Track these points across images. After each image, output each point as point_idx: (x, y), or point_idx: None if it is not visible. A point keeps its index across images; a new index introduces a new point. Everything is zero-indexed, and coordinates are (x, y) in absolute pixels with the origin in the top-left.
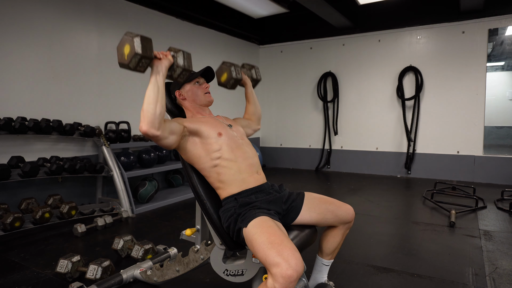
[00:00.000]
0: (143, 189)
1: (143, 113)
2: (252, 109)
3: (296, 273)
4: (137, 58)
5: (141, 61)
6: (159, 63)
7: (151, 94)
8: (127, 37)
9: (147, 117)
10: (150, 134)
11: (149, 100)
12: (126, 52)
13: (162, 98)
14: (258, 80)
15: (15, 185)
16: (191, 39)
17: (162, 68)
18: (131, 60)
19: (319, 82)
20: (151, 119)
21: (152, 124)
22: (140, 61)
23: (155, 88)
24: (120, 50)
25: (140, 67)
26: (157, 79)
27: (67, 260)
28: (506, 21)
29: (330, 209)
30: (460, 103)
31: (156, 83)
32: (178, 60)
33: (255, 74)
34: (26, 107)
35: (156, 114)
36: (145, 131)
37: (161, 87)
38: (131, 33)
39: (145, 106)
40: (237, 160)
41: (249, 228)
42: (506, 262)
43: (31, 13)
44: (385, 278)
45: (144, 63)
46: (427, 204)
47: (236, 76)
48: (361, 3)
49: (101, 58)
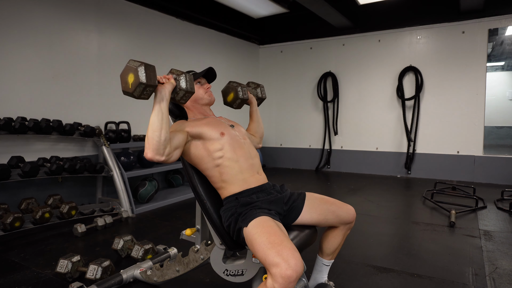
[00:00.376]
0: (143, 189)
1: (148, 141)
2: (255, 128)
3: (295, 273)
4: (141, 87)
5: (146, 89)
6: (162, 88)
7: (155, 122)
8: (131, 66)
9: (152, 144)
10: (156, 160)
11: (154, 128)
12: (130, 81)
13: (166, 125)
14: (263, 99)
15: (15, 185)
16: (191, 39)
17: (165, 93)
18: (136, 89)
19: (319, 82)
20: (156, 147)
21: (157, 151)
22: (145, 90)
23: (159, 115)
24: (124, 78)
25: (144, 95)
26: (161, 106)
27: (67, 260)
28: (506, 21)
29: (331, 210)
30: (460, 103)
31: (160, 110)
32: (180, 83)
33: (260, 93)
34: (26, 107)
35: (161, 141)
36: (150, 158)
37: (165, 113)
38: (135, 62)
39: (150, 134)
40: (238, 160)
41: (250, 227)
42: (506, 262)
43: (31, 13)
44: (385, 278)
45: (149, 91)
46: (427, 204)
47: (242, 96)
48: (361, 3)
49: (101, 58)
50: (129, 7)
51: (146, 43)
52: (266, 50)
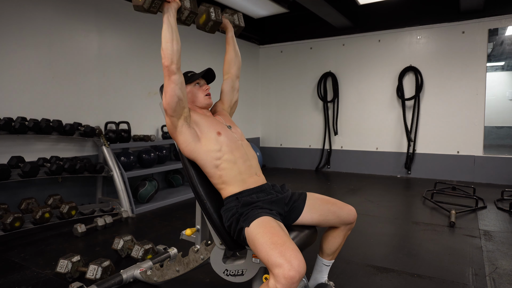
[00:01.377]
0: (143, 189)
1: (163, 51)
2: (231, 55)
3: (298, 274)
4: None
5: (154, 2)
6: (169, 6)
7: (167, 34)
8: None
9: (167, 53)
10: (172, 69)
11: (166, 39)
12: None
13: (177, 36)
14: (241, 27)
15: (15, 185)
16: (191, 39)
17: (172, 9)
18: (145, 1)
19: (319, 82)
20: (170, 55)
21: (172, 59)
22: (153, 2)
23: (169, 28)
24: None
25: (153, 8)
26: (170, 19)
27: (67, 260)
28: (506, 21)
29: (332, 210)
30: (460, 103)
31: (169, 23)
32: (185, 3)
33: (237, 20)
34: (26, 107)
35: (174, 50)
36: (167, 65)
37: (174, 26)
38: None
39: (164, 45)
40: (236, 162)
41: (252, 228)
42: (506, 262)
43: (31, 13)
44: (385, 278)
45: (156, 4)
46: (427, 204)
47: (215, 18)
48: (361, 3)
49: (101, 58)
50: (129, 7)
51: (146, 43)
52: (266, 50)
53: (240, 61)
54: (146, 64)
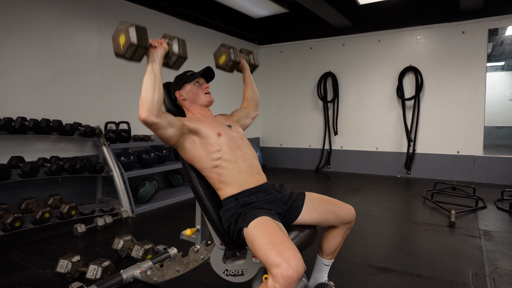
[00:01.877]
0: (143, 189)
1: (142, 101)
2: (250, 94)
3: (296, 273)
4: (133, 48)
5: (137, 51)
6: (154, 51)
7: (148, 82)
8: (122, 27)
9: (146, 104)
10: (149, 121)
11: (147, 88)
12: (121, 42)
13: (159, 86)
14: (256, 66)
15: (15, 185)
16: (191, 39)
17: (157, 56)
18: (127, 50)
19: (319, 82)
20: (149, 106)
21: (150, 111)
22: (136, 51)
23: (151, 76)
24: (115, 40)
25: (136, 57)
26: (154, 67)
27: (67, 260)
28: (506, 21)
29: (331, 210)
30: (460, 103)
31: (152, 71)
32: (173, 48)
33: (253, 59)
34: (26, 107)
35: (154, 101)
36: (144, 118)
37: (157, 74)
38: (126, 22)
39: (143, 94)
40: (237, 161)
41: (250, 228)
42: (506, 262)
43: (31, 13)
44: (385, 278)
45: (140, 52)
46: (427, 204)
47: (234, 58)
48: (361, 3)
49: (101, 58)
50: (129, 7)
51: None
52: (266, 50)
53: (258, 97)
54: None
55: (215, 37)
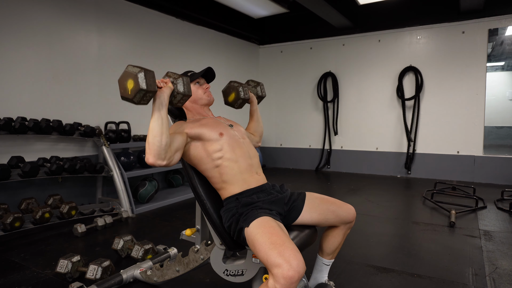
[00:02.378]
0: (143, 189)
1: (149, 146)
2: (254, 127)
3: (297, 274)
4: (141, 94)
5: (146, 95)
6: (161, 93)
7: (155, 127)
8: (131, 72)
9: (154, 149)
10: (157, 165)
11: (154, 133)
12: (129, 87)
13: (166, 129)
14: (263, 97)
15: (15, 185)
16: (191, 39)
17: (164, 98)
18: (136, 95)
19: (319, 82)
20: (157, 152)
21: (158, 156)
22: (145, 96)
23: (159, 120)
24: (122, 84)
25: (144, 101)
26: (161, 112)
27: (67, 260)
28: (506, 21)
29: (331, 209)
30: (460, 103)
31: (159, 116)
32: (178, 87)
33: (260, 91)
34: (26, 107)
35: (162, 146)
36: (152, 163)
37: (164, 118)
38: (134, 67)
39: (151, 139)
40: (238, 160)
41: (251, 228)
42: (506, 262)
43: (31, 13)
44: (385, 278)
45: (148, 96)
46: (427, 204)
47: (244, 96)
48: (361, 3)
49: (101, 58)
50: (129, 7)
51: (146, 43)
52: (266, 50)
53: (262, 130)
54: (146, 64)
55: (215, 37)
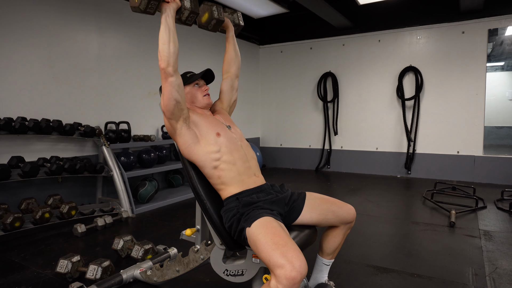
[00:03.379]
0: (143, 189)
1: (160, 53)
2: (232, 55)
3: (300, 275)
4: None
5: (151, 2)
6: (167, 6)
7: (164, 35)
8: None
9: (163, 55)
10: (168, 71)
11: (163, 41)
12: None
13: (174, 38)
14: (240, 26)
15: (15, 185)
16: (191, 39)
17: (170, 10)
18: (141, 2)
19: (319, 82)
20: (167, 57)
21: (168, 61)
22: (150, 3)
23: (166, 29)
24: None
25: (149, 8)
26: (167, 20)
27: (67, 260)
28: (506, 21)
29: (332, 209)
30: (460, 103)
31: (166, 24)
32: (185, 3)
33: (237, 19)
34: (26, 107)
35: (170, 52)
36: (164, 68)
37: (171, 27)
38: None
39: (161, 47)
40: (236, 163)
41: (253, 228)
42: (506, 262)
43: (31, 13)
44: (385, 278)
45: (153, 4)
46: (427, 204)
47: (218, 16)
48: (361, 3)
49: (101, 58)
50: (129, 7)
51: (146, 43)
52: (266, 50)
53: (240, 61)
54: (146, 64)
55: (215, 37)
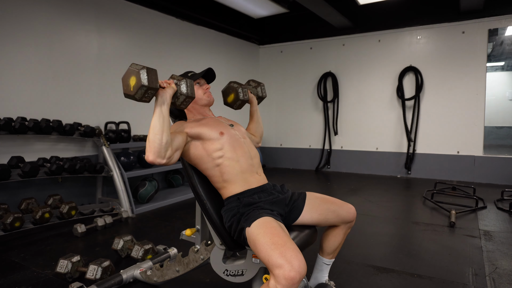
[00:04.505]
0: (143, 189)
1: (149, 144)
2: (254, 128)
3: (299, 275)
4: (143, 90)
5: (147, 92)
6: (163, 92)
7: (156, 125)
8: (133, 69)
9: (154, 147)
10: (157, 163)
11: (155, 131)
12: (132, 84)
13: (167, 128)
14: (263, 98)
15: (15, 185)
16: (191, 39)
17: (166, 97)
18: (137, 91)
19: (319, 82)
20: (157, 150)
21: (158, 154)
22: (146, 93)
23: (160, 118)
24: (125, 82)
25: (146, 98)
26: (162, 109)
27: (67, 260)
28: (506, 21)
29: (332, 209)
30: (460, 103)
31: (161, 113)
32: (181, 88)
33: (261, 92)
34: (26, 107)
35: (162, 144)
36: (152, 161)
37: (166, 116)
38: (137, 65)
39: (151, 137)
40: (239, 160)
41: (253, 228)
42: (506, 262)
43: (31, 13)
44: (385, 278)
45: (150, 94)
46: (427, 204)
47: (243, 97)
48: (361, 3)
49: (101, 58)
50: (129, 7)
51: (146, 43)
52: (266, 50)
53: (262, 131)
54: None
55: (215, 37)
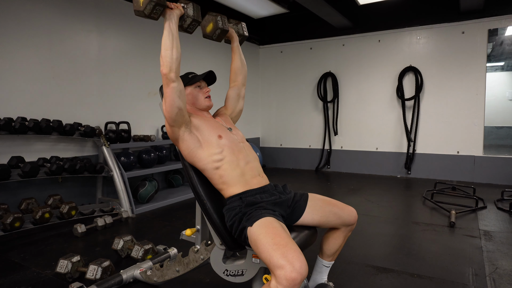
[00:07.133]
0: (143, 189)
1: (162, 59)
2: (238, 64)
3: (300, 276)
4: (151, 5)
5: (155, 8)
6: (171, 12)
7: (167, 41)
8: None
9: (166, 61)
10: (169, 77)
11: (166, 46)
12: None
13: (177, 44)
14: (245, 36)
15: (15, 185)
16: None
17: (174, 16)
18: (146, 6)
19: (319, 82)
20: (169, 63)
21: (170, 67)
22: (154, 8)
23: (169, 35)
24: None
25: (154, 13)
26: (171, 26)
27: (67, 260)
28: (506, 21)
29: (333, 211)
30: (460, 103)
31: (170, 30)
32: (188, 11)
33: (242, 30)
34: (26, 107)
35: (173, 58)
36: (165, 73)
37: (175, 33)
38: None
39: (163, 52)
40: (239, 164)
41: (255, 228)
42: (506, 262)
43: (31, 13)
44: (385, 278)
45: (158, 10)
46: (427, 204)
47: (222, 26)
48: (361, 3)
49: (101, 58)
50: (129, 7)
51: (146, 43)
52: (266, 50)
53: (246, 70)
54: (146, 64)
55: None
